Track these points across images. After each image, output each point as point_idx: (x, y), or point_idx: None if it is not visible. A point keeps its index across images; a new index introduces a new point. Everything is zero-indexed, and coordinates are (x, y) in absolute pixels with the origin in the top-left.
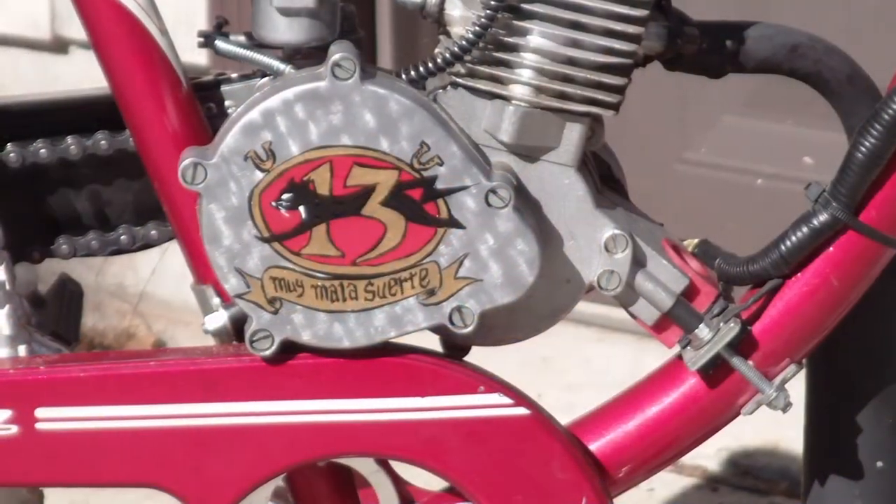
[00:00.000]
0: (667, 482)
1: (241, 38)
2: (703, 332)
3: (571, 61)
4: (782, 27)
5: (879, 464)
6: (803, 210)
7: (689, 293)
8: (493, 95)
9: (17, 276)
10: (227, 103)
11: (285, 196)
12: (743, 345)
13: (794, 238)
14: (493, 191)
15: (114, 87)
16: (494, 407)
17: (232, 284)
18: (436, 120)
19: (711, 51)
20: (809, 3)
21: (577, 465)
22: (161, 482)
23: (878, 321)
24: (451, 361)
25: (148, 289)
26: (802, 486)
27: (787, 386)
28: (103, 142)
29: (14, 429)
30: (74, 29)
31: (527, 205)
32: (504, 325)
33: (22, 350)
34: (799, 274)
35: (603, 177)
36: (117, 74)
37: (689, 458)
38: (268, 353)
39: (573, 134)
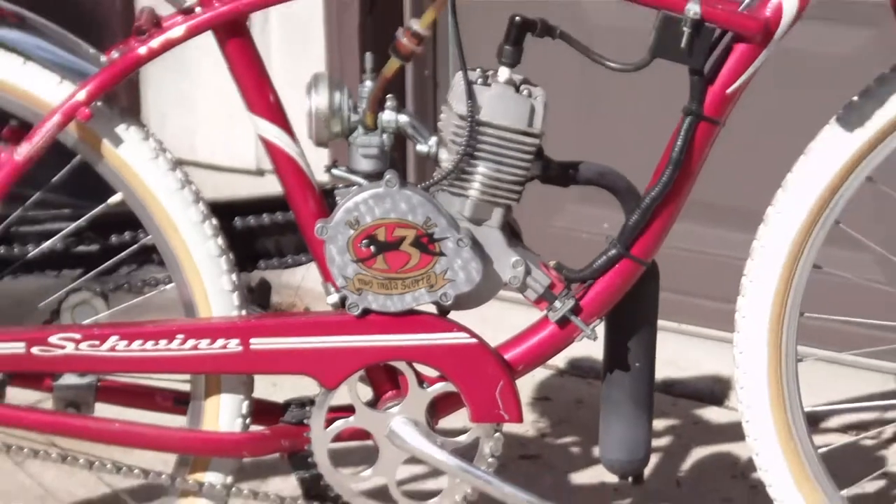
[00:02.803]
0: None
1: (343, 168)
2: (557, 304)
3: (498, 179)
4: (595, 164)
5: (637, 364)
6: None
7: (551, 286)
8: (461, 195)
9: (241, 278)
10: (337, 199)
11: (364, 241)
12: (576, 310)
13: (599, 260)
14: (460, 239)
15: (287, 193)
16: (461, 338)
17: (340, 282)
18: (434, 207)
19: (563, 175)
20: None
21: (499, 366)
22: (308, 371)
23: (636, 298)
24: (441, 318)
25: (302, 284)
26: (602, 374)
27: (597, 329)
28: (280, 216)
29: (240, 348)
30: (268, 164)
31: (476, 245)
32: (466, 300)
33: (243, 312)
34: (604, 275)
35: (512, 230)
36: (287, 187)
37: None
38: (356, 313)
39: (498, 211)
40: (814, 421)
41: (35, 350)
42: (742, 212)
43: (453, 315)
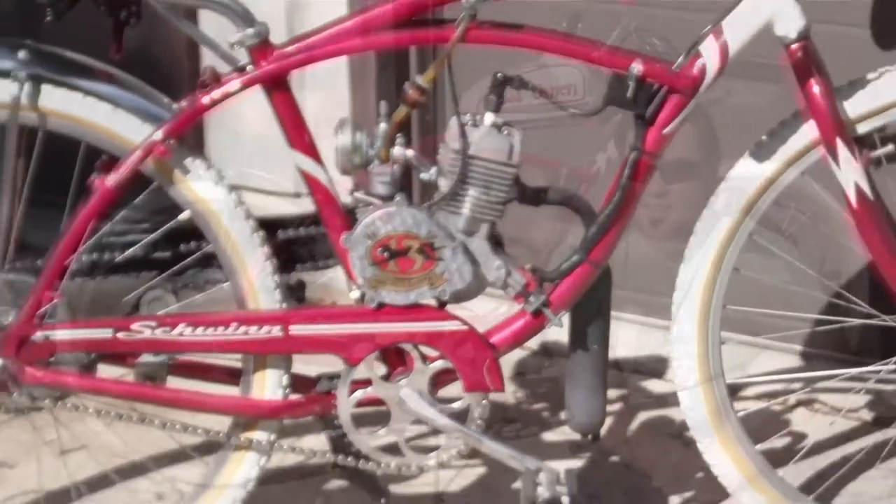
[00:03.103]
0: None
1: (363, 192)
2: (531, 299)
3: (485, 200)
4: (561, 188)
5: (594, 346)
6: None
7: (527, 285)
8: (455, 213)
9: (282, 278)
10: (358, 216)
11: (380, 248)
12: (546, 304)
13: (565, 265)
14: (455, 247)
15: (318, 211)
16: (456, 326)
17: (360, 281)
18: (435, 222)
19: (535, 197)
20: None
21: (486, 347)
22: (335, 351)
23: (593, 294)
24: (440, 309)
25: (330, 283)
26: (567, 354)
27: (563, 319)
28: (313, 229)
29: (282, 333)
30: (304, 188)
31: (467, 252)
32: (459, 296)
33: (284, 305)
34: (569, 276)
35: (496, 240)
36: (319, 207)
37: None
38: (373, 306)
39: (485, 226)
40: (734, 391)
41: (120, 335)
42: (677, 225)
43: (450, 307)
